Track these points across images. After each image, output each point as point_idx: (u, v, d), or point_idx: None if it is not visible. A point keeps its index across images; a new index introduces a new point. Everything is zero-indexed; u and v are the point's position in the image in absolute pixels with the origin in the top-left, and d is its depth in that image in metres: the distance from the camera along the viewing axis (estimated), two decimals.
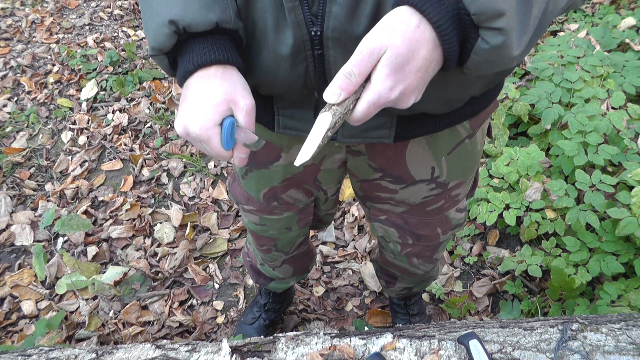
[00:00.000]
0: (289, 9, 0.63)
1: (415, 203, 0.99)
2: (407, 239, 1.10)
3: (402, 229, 1.07)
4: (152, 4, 0.64)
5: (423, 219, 1.04)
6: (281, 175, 0.98)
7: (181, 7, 0.62)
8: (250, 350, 0.94)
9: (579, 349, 0.88)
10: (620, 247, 1.52)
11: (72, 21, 3.36)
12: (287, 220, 1.12)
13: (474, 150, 0.93)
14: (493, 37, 0.52)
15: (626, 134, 1.73)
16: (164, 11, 0.62)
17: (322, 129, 0.55)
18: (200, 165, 2.29)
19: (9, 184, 2.27)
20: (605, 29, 2.25)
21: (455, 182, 0.97)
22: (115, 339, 1.68)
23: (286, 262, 1.31)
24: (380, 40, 0.52)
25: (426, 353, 0.90)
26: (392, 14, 0.53)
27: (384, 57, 0.52)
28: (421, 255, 1.16)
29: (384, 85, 0.53)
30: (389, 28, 0.52)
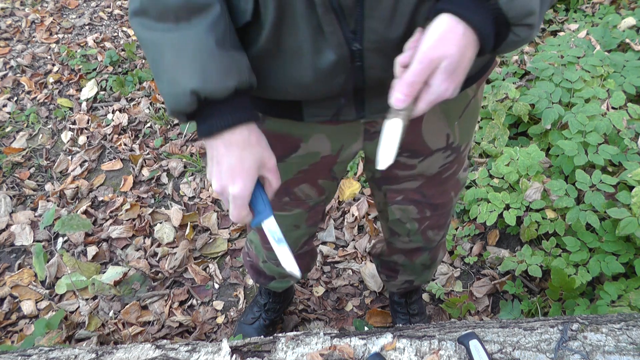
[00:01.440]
0: (329, 32, 0.66)
1: (432, 174, 1.01)
2: (425, 212, 1.11)
3: (420, 203, 1.09)
4: (169, 70, 0.66)
5: (439, 188, 1.06)
6: (298, 167, 0.98)
7: (201, 77, 0.65)
8: (250, 350, 0.94)
9: (579, 349, 0.88)
10: (620, 247, 1.52)
11: (72, 21, 3.36)
12: (296, 218, 1.11)
13: (477, 108, 0.97)
14: (523, 31, 0.62)
15: (626, 134, 1.73)
16: (184, 81, 0.65)
17: (396, 133, 0.64)
18: (200, 165, 2.29)
19: (9, 184, 2.27)
20: (606, 29, 2.25)
21: (465, 144, 1.01)
22: (115, 339, 1.68)
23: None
24: (436, 51, 0.60)
25: (426, 353, 0.90)
26: (440, 24, 0.60)
27: (442, 65, 0.60)
28: (436, 225, 1.18)
29: (441, 88, 0.62)
30: (441, 38, 0.60)
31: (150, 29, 0.67)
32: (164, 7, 0.65)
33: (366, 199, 2.04)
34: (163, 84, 0.68)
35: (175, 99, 0.66)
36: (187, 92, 0.65)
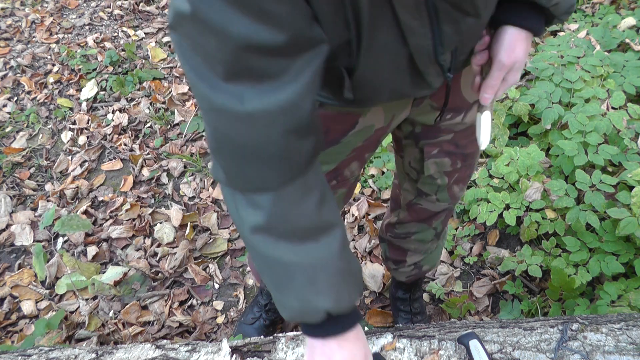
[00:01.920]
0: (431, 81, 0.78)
1: (470, 123, 1.04)
2: (457, 164, 1.14)
3: (454, 154, 1.11)
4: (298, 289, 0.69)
5: (471, 137, 1.08)
6: (352, 145, 0.99)
7: (334, 299, 0.70)
8: (250, 350, 0.94)
9: (579, 349, 0.88)
10: (620, 247, 1.52)
11: (72, 21, 3.36)
12: (338, 199, 1.12)
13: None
14: (565, 17, 0.78)
15: (626, 134, 1.73)
16: (318, 302, 0.69)
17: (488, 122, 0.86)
18: (200, 165, 2.29)
19: (9, 184, 2.27)
20: (605, 29, 2.25)
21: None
22: (115, 339, 1.68)
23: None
24: (510, 59, 0.77)
25: (426, 353, 0.90)
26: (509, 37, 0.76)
27: (515, 66, 0.78)
28: (462, 179, 1.20)
29: (514, 80, 0.81)
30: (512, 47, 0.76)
31: (275, 248, 0.67)
32: (293, 227, 0.66)
33: (366, 199, 2.04)
34: (289, 299, 0.71)
35: (304, 314, 0.71)
36: (321, 312, 0.69)
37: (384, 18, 0.63)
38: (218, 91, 0.57)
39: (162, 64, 2.91)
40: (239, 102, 0.57)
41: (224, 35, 0.53)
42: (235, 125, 0.59)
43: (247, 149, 0.61)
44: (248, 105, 0.57)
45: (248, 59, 0.55)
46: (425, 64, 0.73)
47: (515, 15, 0.75)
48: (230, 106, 0.57)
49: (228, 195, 0.68)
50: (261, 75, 0.56)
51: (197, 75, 0.57)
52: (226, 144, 0.62)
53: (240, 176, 0.64)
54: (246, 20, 0.52)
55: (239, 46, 0.53)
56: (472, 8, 0.69)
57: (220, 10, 0.52)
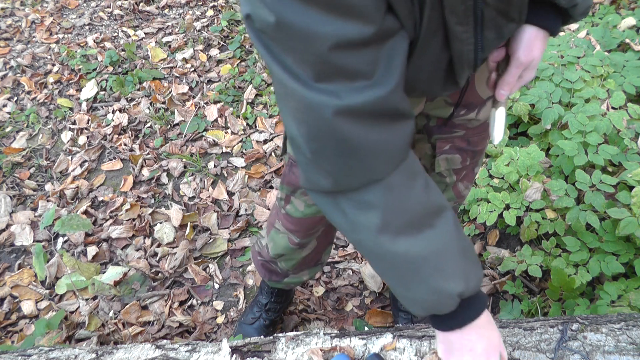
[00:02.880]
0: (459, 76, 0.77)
1: (484, 120, 1.04)
2: (466, 161, 1.14)
3: (465, 151, 1.11)
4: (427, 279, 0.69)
5: (483, 134, 1.09)
6: None
7: (464, 280, 0.70)
8: (250, 350, 0.94)
9: (579, 349, 0.88)
10: (620, 247, 1.52)
11: (72, 21, 3.36)
12: None
13: None
14: (580, 18, 0.78)
15: (626, 134, 1.73)
16: (449, 287, 0.69)
17: (503, 117, 0.88)
18: (200, 165, 2.29)
19: (9, 184, 2.27)
20: (605, 29, 2.25)
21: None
22: (115, 339, 1.68)
23: (320, 236, 1.31)
24: (528, 57, 0.78)
25: (426, 353, 0.90)
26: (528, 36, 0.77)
27: (531, 65, 0.80)
28: (468, 177, 1.21)
29: (529, 77, 0.82)
30: (530, 46, 0.77)
31: (395, 244, 0.66)
32: (409, 216, 0.66)
33: None
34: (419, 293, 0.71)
35: (438, 305, 0.71)
36: (454, 296, 0.70)
37: (435, 21, 0.63)
38: (313, 90, 0.57)
39: (162, 64, 2.91)
40: (336, 98, 0.57)
41: (312, 37, 0.54)
42: (335, 120, 0.58)
43: (350, 142, 0.60)
44: (346, 100, 0.57)
45: (339, 58, 0.55)
46: (462, 67, 0.73)
47: (535, 14, 0.76)
48: (328, 102, 0.57)
49: (331, 207, 0.68)
50: (354, 74, 0.57)
51: (289, 75, 0.57)
52: (328, 141, 0.61)
53: (347, 172, 0.63)
54: (331, 18, 0.53)
55: (328, 46, 0.54)
56: (517, 14, 0.72)
57: (305, 14, 0.52)
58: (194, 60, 2.92)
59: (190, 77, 2.80)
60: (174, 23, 3.26)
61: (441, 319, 0.75)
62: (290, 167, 1.15)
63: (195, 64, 2.88)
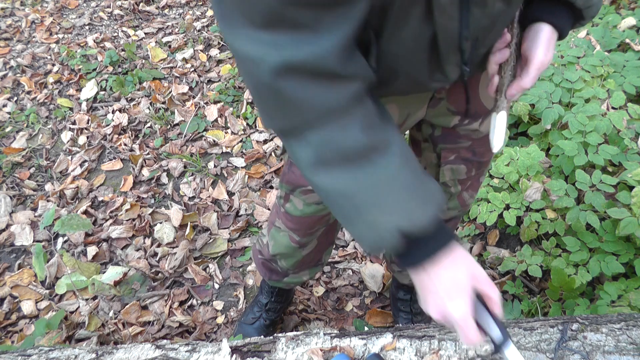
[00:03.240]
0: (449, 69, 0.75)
1: (486, 131, 1.03)
2: (471, 171, 1.13)
3: (470, 161, 1.10)
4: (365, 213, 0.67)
5: (488, 145, 1.07)
6: None
7: (404, 216, 0.66)
8: (250, 350, 0.94)
9: (579, 349, 0.88)
10: (620, 247, 1.52)
11: (72, 21, 3.36)
12: None
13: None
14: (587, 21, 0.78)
15: (626, 134, 1.73)
16: (388, 222, 0.66)
17: (503, 123, 0.81)
18: (200, 165, 2.29)
19: (9, 184, 2.27)
20: (605, 29, 2.25)
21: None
22: (115, 339, 1.68)
23: (318, 237, 1.31)
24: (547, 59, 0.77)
25: (426, 353, 0.90)
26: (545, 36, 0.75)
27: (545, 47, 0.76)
28: (473, 186, 1.20)
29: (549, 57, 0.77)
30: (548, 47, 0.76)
31: (332, 178, 0.66)
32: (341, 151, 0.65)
33: None
34: (361, 229, 0.69)
35: (379, 240, 0.68)
36: (393, 231, 0.66)
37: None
38: (255, 41, 0.58)
39: (162, 64, 2.91)
40: (274, 50, 0.58)
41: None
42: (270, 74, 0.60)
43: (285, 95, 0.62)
44: (283, 53, 0.58)
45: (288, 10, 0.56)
46: (447, 47, 0.71)
47: (551, 13, 0.74)
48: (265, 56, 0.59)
49: (285, 144, 0.70)
50: (299, 25, 0.58)
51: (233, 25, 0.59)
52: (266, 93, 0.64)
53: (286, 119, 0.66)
54: None
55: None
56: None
57: None
58: (194, 60, 2.92)
59: (190, 77, 2.80)
60: (174, 23, 3.26)
61: (400, 259, 0.72)
62: (289, 165, 1.14)
63: (195, 64, 2.89)
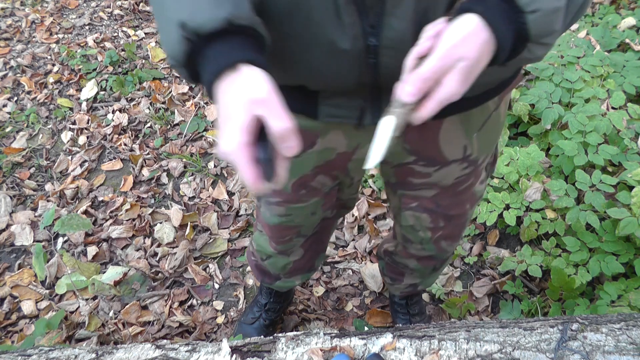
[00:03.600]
0: (349, 23, 0.65)
1: (448, 185, 1.00)
2: (438, 222, 1.10)
3: (435, 212, 1.07)
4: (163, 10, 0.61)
5: (455, 199, 1.05)
6: (314, 162, 0.96)
7: (190, 8, 0.57)
8: (250, 350, 0.94)
9: (579, 349, 0.88)
10: (620, 247, 1.52)
11: (72, 21, 3.36)
12: (313, 206, 1.11)
13: (499, 122, 0.95)
14: (539, 49, 0.61)
15: (626, 134, 1.73)
16: (174, 15, 0.58)
17: (387, 131, 0.61)
18: (200, 165, 2.29)
19: (9, 184, 2.27)
20: (605, 29, 2.25)
21: (484, 156, 0.99)
22: (115, 339, 1.68)
23: (302, 246, 1.30)
24: (458, 50, 0.58)
25: (426, 353, 0.90)
26: (467, 24, 0.58)
27: (460, 65, 0.58)
28: (450, 236, 1.17)
29: (455, 89, 0.59)
30: (465, 38, 0.58)
31: None
32: None
33: (366, 199, 2.04)
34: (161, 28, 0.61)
35: (168, 39, 0.59)
36: (175, 25, 0.57)
37: None
38: None
39: (162, 64, 2.91)
40: None
41: None
42: None
43: None
44: None
45: None
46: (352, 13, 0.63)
47: (482, 5, 0.58)
48: None
49: None
50: None
51: None
52: None
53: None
54: None
55: None
56: None
57: None
58: None
59: None
60: None
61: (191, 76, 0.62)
62: None
63: None
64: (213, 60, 0.58)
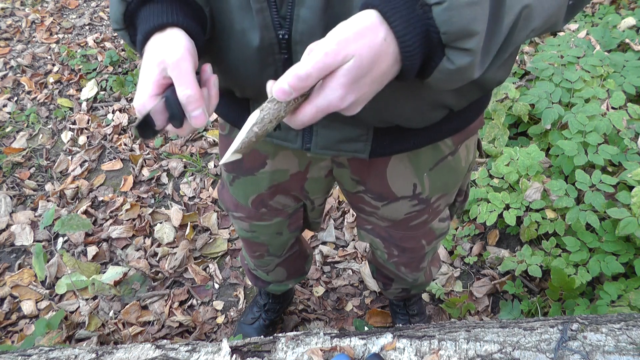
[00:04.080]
0: (256, 10, 0.60)
1: (398, 219, 0.99)
2: (392, 250, 1.10)
3: (387, 241, 1.07)
4: None
5: (407, 233, 1.04)
6: (267, 182, 0.97)
7: None
8: (250, 350, 0.94)
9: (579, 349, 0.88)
10: (620, 247, 1.52)
11: (72, 21, 3.36)
12: (277, 226, 1.11)
13: (457, 166, 0.92)
14: (460, 57, 0.49)
15: (626, 134, 1.73)
16: None
17: (248, 124, 0.51)
18: (200, 165, 2.29)
19: (9, 184, 2.27)
20: (605, 29, 2.25)
21: (438, 196, 0.97)
22: (115, 339, 1.68)
23: (280, 265, 1.31)
24: (347, 47, 0.48)
25: (426, 353, 0.90)
26: (362, 19, 0.49)
27: (346, 65, 0.48)
28: (408, 265, 1.16)
29: (337, 94, 0.49)
30: (356, 35, 0.48)
31: None
32: None
33: None
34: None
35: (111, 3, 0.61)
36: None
37: None
38: None
39: None
40: None
41: None
42: None
43: None
44: None
45: None
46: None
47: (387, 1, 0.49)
48: None
49: None
50: None
51: None
52: None
53: None
54: None
55: None
56: None
57: None
58: None
59: None
60: None
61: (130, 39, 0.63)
62: (221, 185, 1.14)
63: None
64: (144, 21, 0.59)
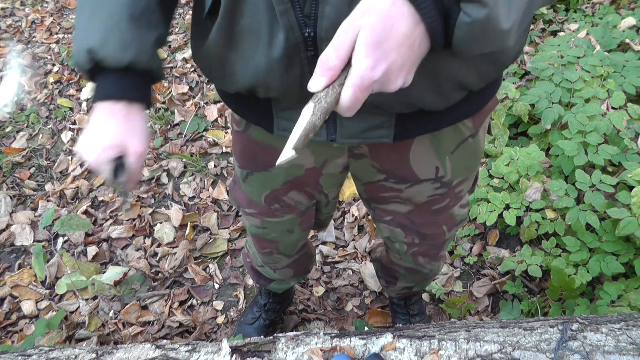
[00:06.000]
0: (280, 12, 0.61)
1: (420, 202, 0.99)
2: (413, 239, 1.09)
3: (408, 228, 1.07)
4: (80, 27, 0.69)
5: (429, 218, 1.04)
6: (283, 177, 0.97)
7: (100, 39, 0.67)
8: (250, 350, 0.94)
9: (579, 349, 0.88)
10: (620, 247, 1.52)
11: (72, 21, 3.35)
12: (289, 223, 1.11)
13: (477, 149, 0.93)
14: (475, 10, 0.49)
15: (626, 134, 1.73)
16: (85, 39, 0.68)
17: (303, 120, 0.53)
18: (200, 165, 2.29)
19: (9, 184, 2.27)
20: (605, 29, 2.25)
21: (459, 180, 0.97)
22: (115, 339, 1.68)
23: (287, 265, 1.31)
24: (354, 21, 0.50)
25: (426, 353, 0.90)
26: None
27: (359, 36, 0.49)
28: (427, 254, 1.16)
29: (364, 65, 0.50)
30: (364, 9, 0.50)
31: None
32: None
33: None
34: (74, 34, 0.71)
35: (76, 52, 0.69)
36: (84, 49, 0.67)
37: None
38: None
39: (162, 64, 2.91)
40: None
41: None
42: None
43: None
44: None
45: None
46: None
47: None
48: None
49: None
50: None
51: None
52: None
53: None
54: None
55: None
56: None
57: None
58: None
59: (190, 77, 2.80)
60: (174, 23, 3.26)
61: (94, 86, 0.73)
62: (233, 182, 1.14)
63: (195, 64, 2.88)
64: (103, 88, 0.70)
